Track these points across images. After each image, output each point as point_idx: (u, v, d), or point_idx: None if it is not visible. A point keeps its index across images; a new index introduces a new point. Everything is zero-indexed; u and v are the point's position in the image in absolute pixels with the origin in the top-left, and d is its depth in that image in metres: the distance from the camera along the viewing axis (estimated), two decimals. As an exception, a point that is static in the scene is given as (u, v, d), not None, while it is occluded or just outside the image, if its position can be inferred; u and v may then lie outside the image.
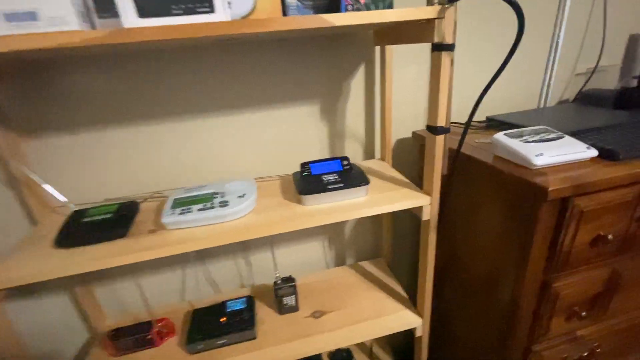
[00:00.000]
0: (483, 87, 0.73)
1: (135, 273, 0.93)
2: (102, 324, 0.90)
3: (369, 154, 0.97)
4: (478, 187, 0.75)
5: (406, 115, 0.95)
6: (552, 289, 0.67)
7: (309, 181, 0.72)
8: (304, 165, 0.77)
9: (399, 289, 0.95)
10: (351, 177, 0.73)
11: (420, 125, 0.98)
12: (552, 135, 0.70)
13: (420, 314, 0.84)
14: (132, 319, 0.91)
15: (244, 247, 0.98)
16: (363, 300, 0.91)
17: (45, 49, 0.45)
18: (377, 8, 0.58)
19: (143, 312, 0.94)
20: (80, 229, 0.62)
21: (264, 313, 0.89)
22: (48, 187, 0.72)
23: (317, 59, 0.83)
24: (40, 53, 0.52)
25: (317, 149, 0.92)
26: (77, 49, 0.51)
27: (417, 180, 0.78)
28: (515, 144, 0.67)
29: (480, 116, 1.01)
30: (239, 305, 0.86)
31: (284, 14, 0.58)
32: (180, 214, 0.64)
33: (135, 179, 0.83)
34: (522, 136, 0.71)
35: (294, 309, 0.88)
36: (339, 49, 0.84)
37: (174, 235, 0.63)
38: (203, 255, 0.96)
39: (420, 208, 0.70)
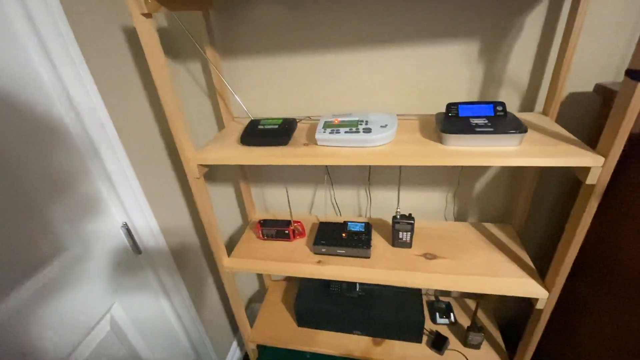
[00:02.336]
0: None
1: (281, 181, 1.13)
2: (252, 215, 1.16)
3: (526, 106, 0.86)
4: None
5: (590, 65, 0.78)
6: None
7: (454, 122, 0.70)
8: (451, 105, 0.74)
9: (525, 257, 0.88)
10: (504, 123, 0.67)
11: (608, 77, 0.79)
12: None
13: (547, 288, 0.77)
14: (271, 216, 1.14)
15: (369, 180, 1.06)
16: (481, 256, 0.89)
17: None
18: None
19: (281, 214, 1.15)
20: (256, 133, 0.79)
21: (378, 241, 0.98)
22: (238, 99, 0.92)
23: None
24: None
25: (464, 93, 0.87)
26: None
27: (589, 143, 0.66)
28: None
29: None
30: (358, 228, 0.97)
31: None
32: (330, 133, 0.73)
33: (293, 103, 0.97)
34: None
35: (407, 245, 0.93)
36: (521, -25, 0.72)
37: (323, 150, 0.74)
38: (334, 180, 1.08)
39: (586, 169, 0.60)
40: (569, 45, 0.70)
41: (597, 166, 0.59)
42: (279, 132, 0.79)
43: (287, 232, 0.99)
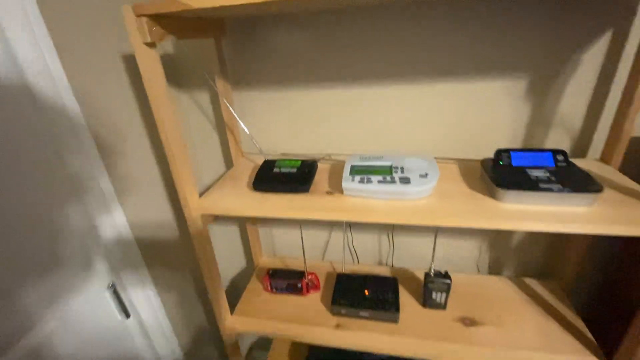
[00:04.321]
0: None
1: (291, 223, 1.01)
2: (258, 259, 1.03)
3: (578, 151, 0.75)
4: None
5: None
6: None
7: (509, 173, 0.60)
8: (501, 152, 0.64)
9: (581, 325, 0.75)
10: (571, 178, 0.56)
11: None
12: None
13: (619, 372, 0.64)
14: (280, 262, 1.01)
15: (391, 226, 0.94)
16: (529, 323, 0.76)
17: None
18: None
19: (291, 258, 1.02)
20: (272, 178, 0.68)
21: (405, 299, 0.85)
22: (251, 135, 0.82)
23: (530, 20, 0.65)
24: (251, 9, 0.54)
25: (505, 135, 0.76)
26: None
27: None
28: None
29: None
30: (383, 284, 0.84)
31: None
32: (360, 182, 0.62)
33: (311, 139, 0.86)
34: None
35: (441, 306, 0.80)
36: (569, 10, 0.63)
37: (351, 202, 0.62)
38: (352, 223, 0.97)
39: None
40: (638, 81, 0.60)
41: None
42: (297, 177, 0.68)
43: (300, 285, 0.86)
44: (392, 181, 0.61)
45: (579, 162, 0.70)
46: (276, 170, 0.70)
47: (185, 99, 0.88)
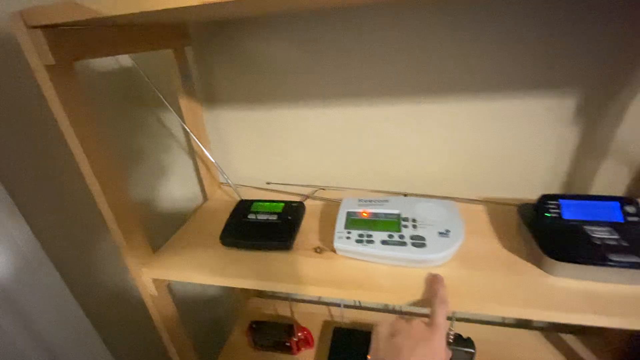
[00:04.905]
0: None
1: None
2: (243, 302, 0.89)
3: (637, 191, 0.59)
4: None
5: None
6: None
7: (560, 232, 0.44)
8: (546, 199, 0.48)
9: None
10: (651, 243, 0.40)
11: None
12: None
13: None
14: (267, 307, 0.87)
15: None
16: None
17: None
18: None
19: (280, 306, 0.87)
20: (244, 229, 0.53)
21: None
22: (218, 165, 0.67)
23: (581, 27, 0.49)
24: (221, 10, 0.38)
25: (544, 167, 0.60)
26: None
27: None
28: None
29: None
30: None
31: None
32: (359, 242, 0.47)
33: (299, 167, 0.71)
34: None
35: (461, 375, 0.65)
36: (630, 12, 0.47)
37: (345, 267, 0.47)
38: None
39: None
40: None
41: None
42: (277, 228, 0.52)
43: (288, 344, 0.71)
44: (401, 242, 0.45)
45: None
46: (251, 217, 0.55)
47: (153, 120, 0.73)
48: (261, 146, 0.71)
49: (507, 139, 0.59)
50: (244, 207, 0.57)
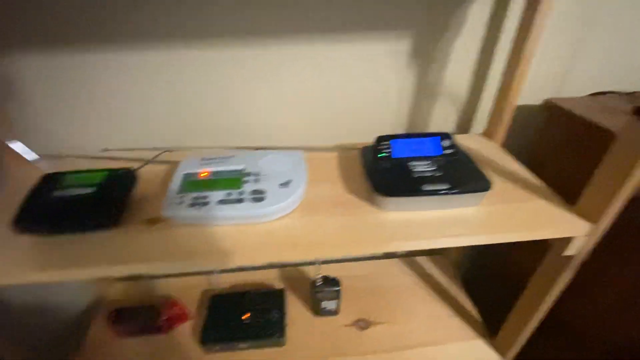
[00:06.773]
0: None
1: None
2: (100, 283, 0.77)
3: (463, 125, 0.68)
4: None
5: (544, 74, 0.62)
6: None
7: (390, 171, 0.46)
8: (380, 140, 0.50)
9: (467, 303, 0.74)
10: (458, 171, 0.46)
11: (548, 92, 0.64)
12: None
13: (501, 352, 0.64)
14: (129, 286, 0.78)
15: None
16: (422, 313, 0.71)
17: None
18: None
19: (155, 284, 0.79)
20: (48, 208, 0.42)
21: (295, 310, 0.72)
22: (16, 145, 0.51)
23: None
24: None
25: (389, 109, 0.63)
26: None
27: (529, 166, 0.52)
28: None
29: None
30: (267, 300, 0.69)
31: None
32: (192, 205, 0.41)
33: (134, 128, 0.60)
34: None
35: (333, 312, 0.70)
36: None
37: (181, 235, 0.42)
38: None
39: (565, 239, 0.43)
40: (525, 45, 0.51)
41: (582, 235, 0.42)
42: (95, 203, 0.43)
43: (159, 326, 0.65)
44: (239, 200, 0.42)
45: (463, 140, 0.61)
46: (58, 193, 0.43)
47: None
48: (89, 104, 0.57)
49: (351, 80, 0.59)
50: (48, 183, 0.45)
